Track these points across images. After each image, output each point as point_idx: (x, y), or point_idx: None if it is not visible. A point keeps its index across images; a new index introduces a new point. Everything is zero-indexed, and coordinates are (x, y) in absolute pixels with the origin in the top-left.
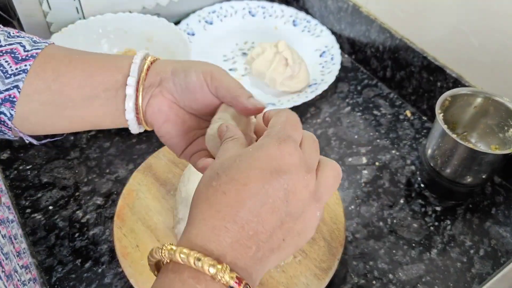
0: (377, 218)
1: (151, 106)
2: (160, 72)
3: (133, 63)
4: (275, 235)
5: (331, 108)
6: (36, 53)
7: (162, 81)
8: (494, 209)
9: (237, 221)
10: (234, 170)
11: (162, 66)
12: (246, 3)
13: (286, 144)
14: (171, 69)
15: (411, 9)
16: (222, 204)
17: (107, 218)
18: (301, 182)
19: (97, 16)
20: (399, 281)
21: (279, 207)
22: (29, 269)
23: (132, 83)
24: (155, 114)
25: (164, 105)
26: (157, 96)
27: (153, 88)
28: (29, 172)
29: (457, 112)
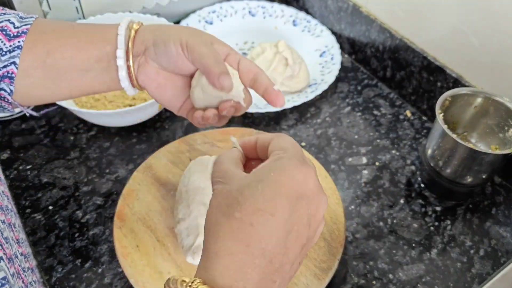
0: (377, 218)
1: (140, 73)
2: (144, 41)
3: (118, 34)
4: (296, 261)
5: (331, 108)
6: (27, 28)
7: (146, 50)
8: (494, 209)
9: (266, 255)
10: (259, 199)
11: (146, 35)
12: (246, 3)
13: (308, 168)
14: (152, 39)
15: (411, 9)
16: (251, 238)
17: (107, 218)
18: (322, 204)
19: (97, 16)
20: (399, 281)
21: (303, 233)
22: (27, 258)
23: (121, 55)
24: (145, 81)
25: (152, 72)
26: (144, 65)
27: (139, 56)
28: (29, 172)
29: (457, 112)
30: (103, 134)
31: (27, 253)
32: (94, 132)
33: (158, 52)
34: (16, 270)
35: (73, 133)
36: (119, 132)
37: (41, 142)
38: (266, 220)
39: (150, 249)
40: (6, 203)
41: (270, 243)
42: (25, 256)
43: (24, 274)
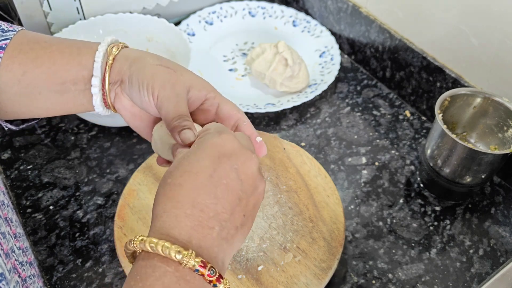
0: (376, 218)
1: (116, 102)
2: (120, 72)
3: (95, 61)
4: (236, 212)
5: (331, 108)
6: (6, 44)
7: (122, 82)
8: (493, 209)
9: (196, 205)
10: (185, 164)
11: (123, 66)
12: (246, 3)
13: (226, 133)
14: (128, 74)
15: (411, 9)
16: (180, 195)
17: (108, 217)
18: (249, 160)
19: (97, 16)
20: (399, 281)
21: (234, 186)
22: (25, 253)
23: (97, 83)
24: (121, 110)
25: (127, 103)
26: (120, 95)
27: (115, 86)
28: (30, 172)
29: (456, 112)
30: (104, 134)
31: (25, 247)
32: (95, 132)
33: (131, 92)
34: (12, 265)
35: (74, 133)
36: (119, 132)
37: (42, 142)
38: (192, 178)
39: None
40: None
41: (198, 196)
42: (23, 250)
43: (22, 268)
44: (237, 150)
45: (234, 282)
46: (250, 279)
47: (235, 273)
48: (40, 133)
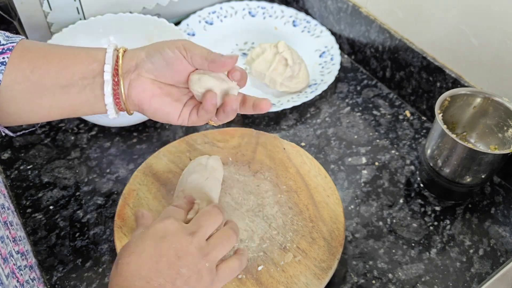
0: (376, 218)
1: (134, 88)
2: (133, 57)
3: (107, 52)
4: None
5: (331, 108)
6: (12, 46)
7: (138, 65)
8: (493, 209)
9: (142, 278)
10: (132, 246)
11: (135, 53)
12: (246, 3)
13: (167, 219)
14: (144, 53)
15: (411, 9)
16: (128, 271)
17: (108, 217)
18: (185, 241)
19: (97, 16)
20: (399, 281)
21: (174, 262)
22: (25, 256)
23: (109, 69)
24: (140, 94)
25: (146, 84)
26: (137, 79)
27: (130, 73)
28: (30, 172)
29: (456, 112)
30: (104, 134)
31: (26, 250)
32: (95, 132)
33: (154, 61)
34: (11, 269)
35: (74, 133)
36: (119, 132)
37: (42, 142)
38: (137, 257)
39: None
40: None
41: (143, 270)
42: (23, 253)
43: (20, 272)
44: (176, 232)
45: (234, 282)
46: (250, 279)
47: None
48: (40, 133)
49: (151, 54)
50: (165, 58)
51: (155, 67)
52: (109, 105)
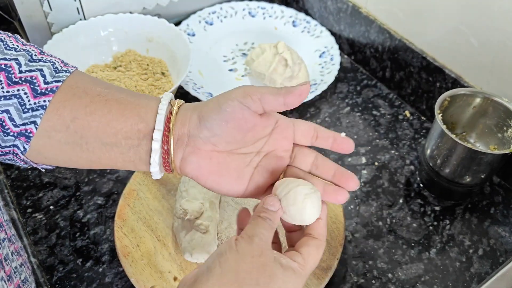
0: (376, 217)
1: (189, 163)
2: (185, 123)
3: (158, 114)
4: None
5: (331, 108)
6: (56, 86)
7: (191, 133)
8: (493, 209)
9: None
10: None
11: (186, 115)
12: (246, 3)
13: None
14: (197, 117)
15: (411, 9)
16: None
17: (108, 217)
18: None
19: (97, 16)
20: (398, 281)
21: None
22: (12, 241)
23: (159, 138)
24: (195, 170)
25: (203, 159)
26: (193, 152)
27: (183, 143)
28: (30, 172)
29: (456, 112)
30: None
31: (12, 235)
32: None
33: (210, 125)
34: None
35: None
36: None
37: None
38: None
39: (151, 249)
40: None
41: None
42: (9, 239)
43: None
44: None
45: None
46: None
47: None
48: None
49: (205, 117)
50: (223, 117)
51: (212, 134)
52: (155, 172)
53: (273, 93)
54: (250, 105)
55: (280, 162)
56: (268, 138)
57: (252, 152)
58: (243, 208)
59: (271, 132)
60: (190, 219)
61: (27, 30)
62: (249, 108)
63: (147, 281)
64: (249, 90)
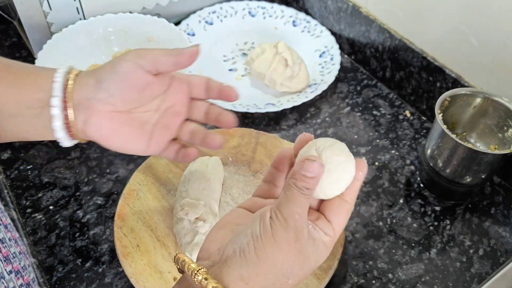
0: (376, 218)
1: (90, 125)
2: (83, 87)
3: (54, 82)
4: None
5: (331, 108)
6: None
7: (90, 96)
8: (493, 209)
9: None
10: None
11: (84, 80)
12: (246, 3)
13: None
14: (94, 80)
15: (411, 9)
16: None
17: (108, 217)
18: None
19: (97, 16)
20: (399, 281)
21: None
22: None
23: (57, 103)
24: (98, 132)
25: (104, 120)
26: (93, 114)
27: (83, 107)
28: (30, 172)
29: (456, 112)
30: None
31: (7, 223)
32: None
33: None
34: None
35: None
36: None
37: (42, 142)
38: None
39: (151, 249)
40: None
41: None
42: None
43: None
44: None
45: None
46: None
47: None
48: None
49: (102, 79)
50: (118, 77)
51: (109, 94)
52: (61, 138)
53: (165, 54)
54: (143, 65)
55: (177, 117)
56: (165, 95)
57: (151, 110)
58: (284, 149)
59: (168, 89)
60: (190, 219)
61: (26, 30)
62: (142, 68)
63: (147, 281)
64: (142, 52)
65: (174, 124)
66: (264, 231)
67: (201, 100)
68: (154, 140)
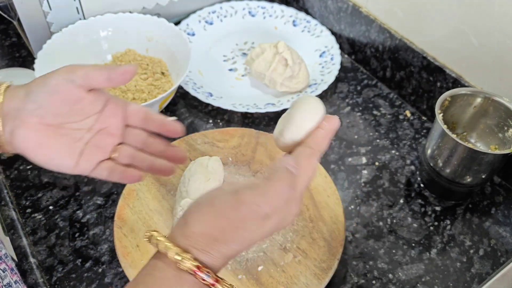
0: (376, 218)
1: (17, 136)
2: (13, 98)
3: None
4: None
5: (331, 108)
6: None
7: (18, 107)
8: (493, 209)
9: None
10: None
11: (15, 92)
12: (246, 3)
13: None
14: (23, 91)
15: (411, 9)
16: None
17: (108, 218)
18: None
19: (97, 16)
20: (399, 281)
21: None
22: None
23: None
24: (24, 143)
25: (31, 131)
26: (20, 125)
27: (11, 117)
28: (30, 172)
29: (456, 112)
30: None
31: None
32: None
33: (35, 98)
34: None
35: None
36: None
37: None
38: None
39: (151, 249)
40: None
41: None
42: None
43: None
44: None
45: (234, 282)
46: (250, 279)
47: (235, 273)
48: None
49: (31, 91)
50: (48, 90)
51: (38, 105)
52: None
53: (97, 69)
54: (74, 79)
55: (111, 139)
56: (99, 115)
57: (83, 129)
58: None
59: (102, 110)
60: None
61: (26, 30)
62: (73, 82)
63: None
64: (74, 67)
65: (107, 145)
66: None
67: (139, 129)
68: (84, 158)
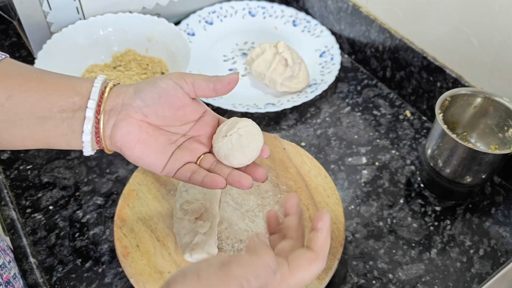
0: (376, 218)
1: (119, 129)
2: (120, 94)
3: (93, 86)
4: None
5: (331, 108)
6: None
7: (125, 103)
8: (493, 209)
9: None
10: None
11: (123, 89)
12: (246, 3)
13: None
14: (133, 88)
15: (411, 9)
16: None
17: (108, 218)
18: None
19: (97, 16)
20: (399, 281)
21: None
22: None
23: (93, 106)
24: (124, 137)
25: (133, 126)
26: (124, 119)
27: (116, 112)
28: (30, 172)
29: (456, 112)
30: None
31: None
32: None
33: (144, 96)
34: None
35: None
36: None
37: None
38: None
39: (150, 249)
40: None
41: None
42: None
43: None
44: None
45: None
46: None
47: None
48: None
49: (141, 89)
50: (158, 91)
51: (145, 104)
52: (87, 143)
53: (205, 80)
54: (183, 86)
55: (200, 147)
56: (195, 123)
57: (179, 133)
58: (270, 211)
59: (198, 119)
60: (190, 219)
61: (26, 30)
62: (182, 88)
63: (147, 282)
64: (184, 74)
65: (196, 150)
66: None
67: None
68: (173, 161)
